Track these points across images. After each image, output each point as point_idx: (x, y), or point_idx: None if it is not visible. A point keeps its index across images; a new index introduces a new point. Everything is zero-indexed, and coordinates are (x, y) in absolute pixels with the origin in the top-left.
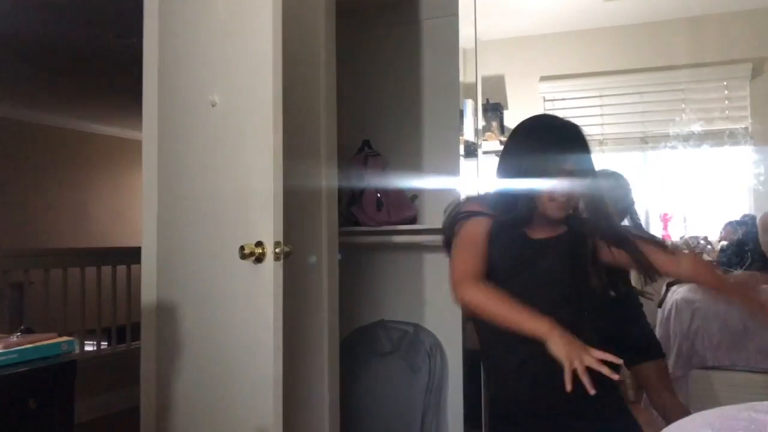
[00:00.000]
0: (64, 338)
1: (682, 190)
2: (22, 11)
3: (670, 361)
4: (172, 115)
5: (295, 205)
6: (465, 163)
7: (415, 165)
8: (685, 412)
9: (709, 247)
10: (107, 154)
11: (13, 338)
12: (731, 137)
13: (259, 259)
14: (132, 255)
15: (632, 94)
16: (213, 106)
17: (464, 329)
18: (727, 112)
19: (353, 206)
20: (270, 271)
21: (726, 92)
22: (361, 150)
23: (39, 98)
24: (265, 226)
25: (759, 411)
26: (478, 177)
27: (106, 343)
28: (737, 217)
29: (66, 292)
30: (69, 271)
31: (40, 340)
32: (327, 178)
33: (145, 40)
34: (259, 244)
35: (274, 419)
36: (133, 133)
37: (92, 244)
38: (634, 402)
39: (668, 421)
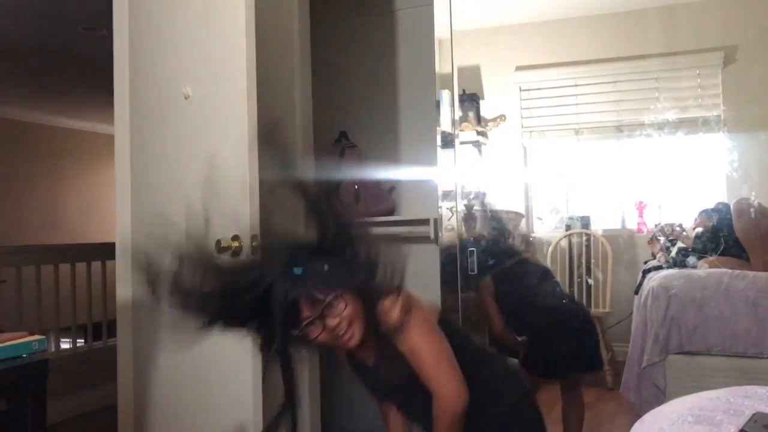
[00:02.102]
0: (36, 337)
1: (657, 178)
2: None
3: (647, 347)
4: (144, 109)
5: (271, 198)
6: (442, 154)
7: (392, 156)
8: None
9: (684, 234)
10: (78, 148)
11: None
12: (705, 125)
13: (236, 252)
14: (106, 251)
15: (607, 83)
16: (186, 98)
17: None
18: (700, 100)
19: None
20: None
21: (699, 80)
22: (337, 142)
23: (6, 93)
24: (242, 219)
25: (737, 395)
26: (456, 167)
27: (82, 341)
28: (711, 205)
29: (39, 289)
30: (42, 269)
31: (10, 340)
32: (303, 171)
33: (115, 31)
34: (235, 237)
35: (254, 413)
36: (103, 127)
37: (64, 240)
38: (612, 389)
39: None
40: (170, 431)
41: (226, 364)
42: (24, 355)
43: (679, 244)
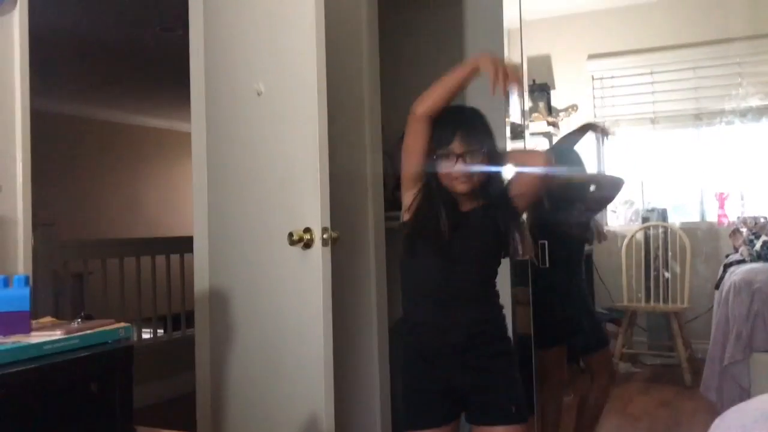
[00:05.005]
0: (122, 324)
1: (739, 168)
2: (71, 8)
3: (729, 345)
4: (219, 106)
5: (341, 191)
6: (512, 145)
7: None
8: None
9: None
10: (157, 146)
11: (74, 324)
12: None
13: (308, 245)
14: (185, 244)
15: (685, 69)
16: (258, 95)
17: (514, 313)
18: None
19: (398, 191)
20: (318, 256)
21: None
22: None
23: (91, 94)
24: (313, 212)
25: None
26: None
27: (162, 331)
28: None
29: (123, 281)
30: (125, 261)
31: (100, 326)
32: (372, 163)
33: (191, 31)
34: (307, 230)
35: (325, 404)
36: (181, 124)
37: (145, 234)
38: (691, 387)
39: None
40: (245, 417)
41: (298, 356)
42: (111, 342)
43: (764, 237)
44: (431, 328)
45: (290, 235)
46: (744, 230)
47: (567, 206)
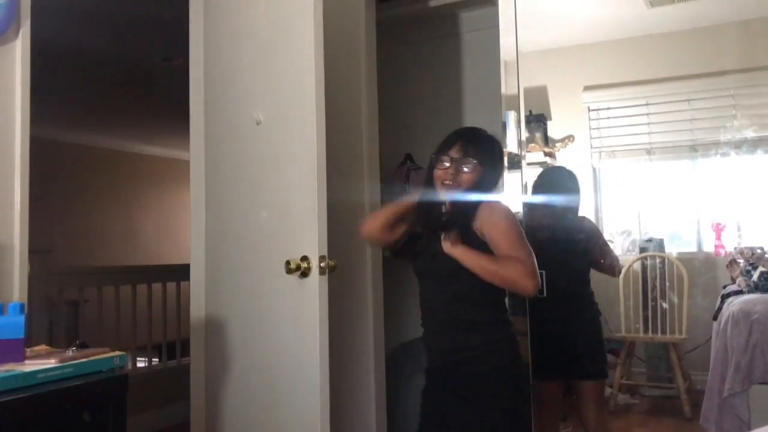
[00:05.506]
0: (117, 353)
1: (736, 199)
2: (72, 37)
3: (728, 376)
4: (218, 135)
5: (338, 219)
6: (509, 176)
7: None
8: None
9: (766, 257)
10: (155, 174)
11: (69, 353)
12: None
13: (305, 273)
14: (181, 272)
15: (680, 101)
16: (258, 124)
17: None
18: None
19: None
20: (315, 285)
21: None
22: (403, 163)
23: (89, 121)
24: (310, 240)
25: None
26: (523, 189)
27: (157, 359)
28: None
29: (118, 309)
30: (121, 289)
31: (94, 355)
32: (370, 192)
33: (191, 61)
34: (304, 258)
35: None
36: (179, 152)
37: (142, 261)
38: (690, 419)
39: None
40: None
41: (295, 384)
42: (105, 370)
43: (761, 268)
44: (426, 348)
45: (287, 263)
46: (741, 261)
47: (564, 235)
